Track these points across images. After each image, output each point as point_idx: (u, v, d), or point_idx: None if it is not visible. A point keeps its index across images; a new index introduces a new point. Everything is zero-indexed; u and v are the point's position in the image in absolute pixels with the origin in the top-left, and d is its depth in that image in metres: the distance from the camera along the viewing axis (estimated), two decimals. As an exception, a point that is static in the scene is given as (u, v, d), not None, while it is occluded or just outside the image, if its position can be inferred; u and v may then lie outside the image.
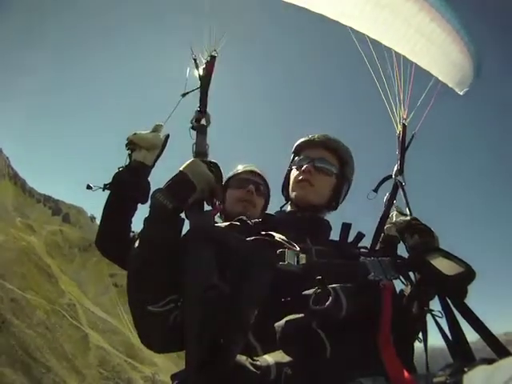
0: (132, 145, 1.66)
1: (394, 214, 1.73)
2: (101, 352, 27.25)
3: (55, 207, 66.07)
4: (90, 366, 25.19)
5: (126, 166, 1.65)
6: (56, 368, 21.33)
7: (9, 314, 22.07)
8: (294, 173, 1.65)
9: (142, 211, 1.35)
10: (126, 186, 1.59)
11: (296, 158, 1.71)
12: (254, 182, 2.11)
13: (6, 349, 19.02)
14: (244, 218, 1.43)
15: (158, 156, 1.71)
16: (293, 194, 1.61)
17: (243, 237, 1.25)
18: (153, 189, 1.40)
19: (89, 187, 1.62)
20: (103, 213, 1.61)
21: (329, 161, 1.62)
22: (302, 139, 1.72)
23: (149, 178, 1.69)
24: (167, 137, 1.73)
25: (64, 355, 23.47)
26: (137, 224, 1.50)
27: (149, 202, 1.35)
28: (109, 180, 1.62)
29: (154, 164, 1.69)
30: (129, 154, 1.67)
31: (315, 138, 1.67)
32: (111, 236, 1.62)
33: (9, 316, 21.83)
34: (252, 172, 2.19)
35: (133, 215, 1.65)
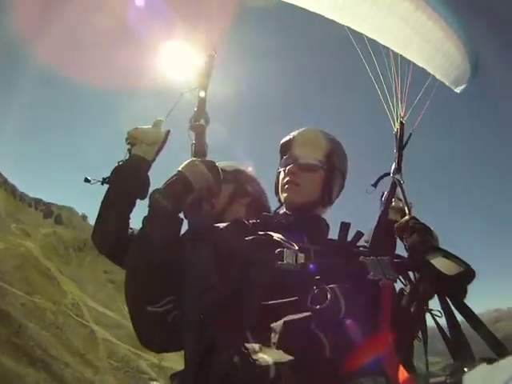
0: (132, 139, 1.63)
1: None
2: (108, 345, 29.20)
3: (46, 210, 65.98)
4: (101, 358, 27.15)
5: (126, 160, 1.62)
6: (72, 363, 23.32)
7: (22, 318, 23.63)
8: (282, 175, 1.63)
9: (142, 210, 1.31)
10: (126, 181, 1.56)
11: (280, 160, 1.68)
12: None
13: (27, 351, 20.71)
14: (243, 218, 1.45)
15: (159, 151, 1.67)
16: (282, 197, 1.60)
17: (241, 237, 1.27)
18: (152, 184, 1.41)
19: (87, 180, 1.59)
20: (101, 207, 1.57)
21: (312, 156, 1.58)
22: (284, 139, 1.69)
23: (148, 174, 1.65)
24: (168, 132, 1.69)
25: (77, 351, 25.39)
26: (136, 222, 1.47)
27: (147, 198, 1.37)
28: (108, 174, 1.59)
29: (154, 159, 1.66)
30: (128, 149, 1.64)
31: (295, 136, 1.65)
32: (109, 232, 1.57)
33: (23, 320, 23.40)
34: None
35: (131, 211, 1.60)
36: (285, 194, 1.58)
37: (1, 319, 21.73)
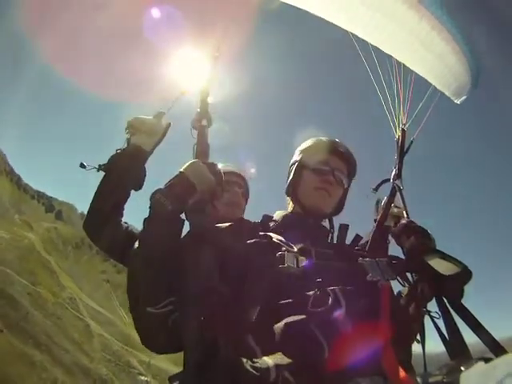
0: (132, 128, 1.62)
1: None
2: (102, 339, 30.99)
3: (48, 204, 67.77)
4: (95, 350, 28.86)
5: (124, 149, 1.60)
6: (71, 350, 25.10)
7: (29, 306, 25.48)
8: (312, 177, 1.61)
9: (143, 211, 1.28)
10: (121, 169, 1.54)
11: (308, 158, 1.65)
12: (238, 185, 2.12)
13: (33, 335, 22.55)
14: (243, 219, 1.50)
15: (157, 143, 1.66)
16: (307, 200, 1.59)
17: (243, 238, 1.28)
18: (153, 183, 1.40)
19: (82, 166, 1.57)
20: (95, 194, 1.55)
21: (345, 173, 1.64)
22: (323, 142, 1.67)
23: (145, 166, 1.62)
24: (168, 125, 1.68)
25: (74, 341, 27.16)
26: (137, 222, 1.46)
27: (142, 189, 1.41)
28: (105, 161, 1.57)
29: (152, 151, 1.64)
30: (127, 138, 1.62)
31: (331, 145, 1.65)
32: (100, 219, 1.55)
33: (29, 308, 25.23)
34: (233, 173, 2.15)
35: (125, 201, 1.59)
36: (312, 199, 1.59)
37: (11, 304, 23.68)
